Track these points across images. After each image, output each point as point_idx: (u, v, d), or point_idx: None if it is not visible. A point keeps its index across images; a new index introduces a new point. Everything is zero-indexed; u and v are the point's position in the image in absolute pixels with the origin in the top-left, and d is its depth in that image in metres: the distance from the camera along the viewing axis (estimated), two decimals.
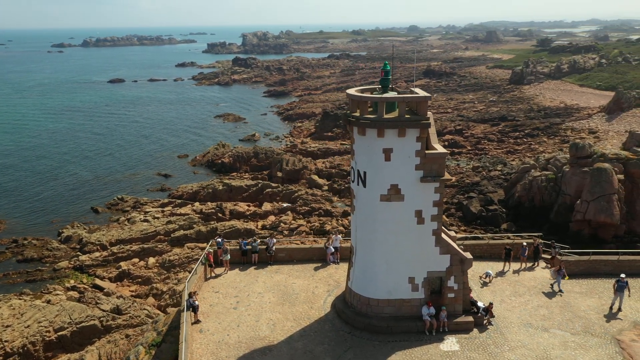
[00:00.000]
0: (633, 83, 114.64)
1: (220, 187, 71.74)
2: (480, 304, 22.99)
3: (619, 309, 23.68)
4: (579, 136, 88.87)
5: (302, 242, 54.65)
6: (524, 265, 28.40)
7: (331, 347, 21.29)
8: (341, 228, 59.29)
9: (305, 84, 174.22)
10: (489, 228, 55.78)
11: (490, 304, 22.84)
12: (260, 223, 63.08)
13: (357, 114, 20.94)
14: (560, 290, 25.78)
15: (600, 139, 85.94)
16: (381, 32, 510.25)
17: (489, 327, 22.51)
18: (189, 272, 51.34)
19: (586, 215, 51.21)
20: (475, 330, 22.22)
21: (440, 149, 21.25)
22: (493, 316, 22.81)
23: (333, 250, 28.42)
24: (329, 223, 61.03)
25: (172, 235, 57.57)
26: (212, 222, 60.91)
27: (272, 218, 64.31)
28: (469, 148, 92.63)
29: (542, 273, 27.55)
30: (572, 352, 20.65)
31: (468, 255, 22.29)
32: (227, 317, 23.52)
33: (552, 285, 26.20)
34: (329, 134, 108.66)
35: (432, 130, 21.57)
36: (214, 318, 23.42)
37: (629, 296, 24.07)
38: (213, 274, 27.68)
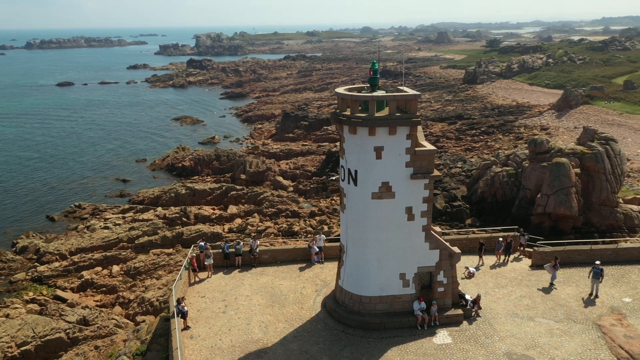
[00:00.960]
0: (579, 81, 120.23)
1: (183, 191, 70.44)
2: (467, 296, 23.54)
3: (596, 295, 24.70)
4: (531, 133, 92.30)
5: (271, 245, 54.46)
6: (501, 259, 29.08)
7: (326, 346, 21.25)
8: (309, 229, 59.35)
9: (262, 86, 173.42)
10: (454, 224, 57.08)
11: (478, 296, 23.44)
12: (226, 226, 62.41)
13: (348, 113, 21.00)
14: (552, 284, 26.21)
15: (551, 135, 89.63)
16: (335, 33, 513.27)
17: (477, 318, 23.08)
18: (157, 278, 50.36)
19: (546, 209, 53.10)
20: (464, 322, 22.73)
21: (428, 146, 21.65)
22: (480, 308, 23.39)
23: (317, 250, 28.39)
24: (297, 224, 60.95)
25: (136, 242, 56.03)
26: (177, 227, 59.67)
27: (238, 221, 63.78)
28: None
29: (520, 265, 28.50)
30: (558, 339, 21.46)
31: (456, 249, 22.78)
32: (217, 321, 23.06)
33: (551, 283, 26.34)
34: (290, 135, 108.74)
35: (419, 128, 21.88)
36: (203, 323, 22.90)
37: (600, 282, 25.06)
38: (197, 279, 27.07)
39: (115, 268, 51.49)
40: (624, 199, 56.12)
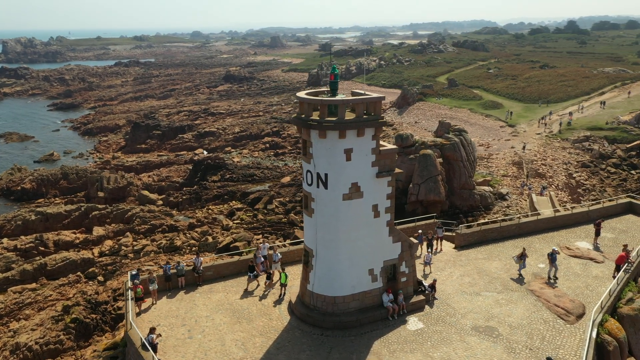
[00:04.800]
0: (410, 81, 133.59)
1: (33, 217, 62.48)
2: (424, 282, 25.26)
3: (556, 277, 26.98)
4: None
5: (156, 263, 51.14)
6: (424, 250, 30.89)
7: (313, 352, 21.05)
8: (193, 242, 57.28)
9: (96, 95, 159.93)
10: None
11: (435, 280, 25.30)
12: (96, 250, 57.16)
13: (316, 118, 21.04)
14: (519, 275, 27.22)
15: (397, 130, 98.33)
16: (165, 37, 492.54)
17: (434, 301, 24.89)
18: (25, 319, 44.04)
19: (419, 196, 58.49)
20: (427, 307, 24.38)
21: (388, 145, 22.74)
22: (435, 291, 25.28)
23: (263, 259, 27.71)
24: (178, 238, 58.21)
25: None
26: (37, 258, 52.88)
27: (109, 242, 58.81)
28: (290, 148, 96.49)
29: (445, 248, 31.19)
30: (506, 307, 24.26)
31: (413, 240, 24.29)
32: (188, 348, 21.26)
33: (519, 272, 27.44)
34: (143, 146, 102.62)
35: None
36: (172, 353, 20.91)
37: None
38: (144, 307, 24.44)
39: None
40: (476, 182, 64.36)
